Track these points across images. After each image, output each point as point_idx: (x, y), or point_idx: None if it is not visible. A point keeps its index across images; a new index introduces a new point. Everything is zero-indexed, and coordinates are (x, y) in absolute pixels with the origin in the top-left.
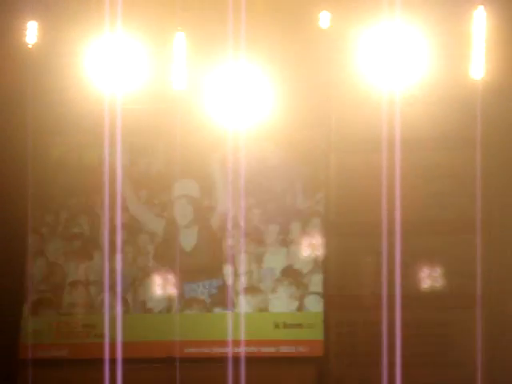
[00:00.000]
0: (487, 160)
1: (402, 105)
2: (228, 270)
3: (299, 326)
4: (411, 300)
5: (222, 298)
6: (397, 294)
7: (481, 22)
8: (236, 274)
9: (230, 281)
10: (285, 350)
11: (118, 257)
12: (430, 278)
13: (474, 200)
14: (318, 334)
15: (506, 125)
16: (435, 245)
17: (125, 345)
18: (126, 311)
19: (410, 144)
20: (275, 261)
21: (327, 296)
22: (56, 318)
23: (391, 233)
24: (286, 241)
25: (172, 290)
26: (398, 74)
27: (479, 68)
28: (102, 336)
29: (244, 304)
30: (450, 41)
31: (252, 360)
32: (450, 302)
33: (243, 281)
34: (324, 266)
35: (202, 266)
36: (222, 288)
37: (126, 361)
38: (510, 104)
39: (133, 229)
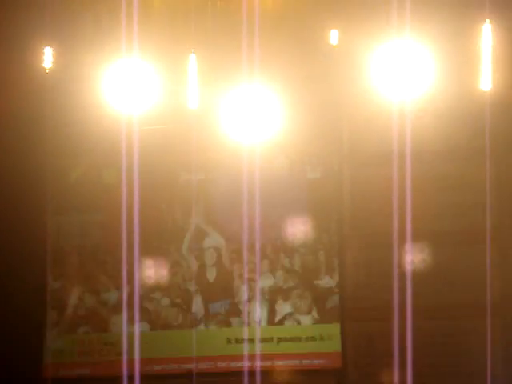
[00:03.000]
0: (497, 170)
1: (412, 118)
2: (240, 290)
3: (316, 338)
4: (425, 313)
5: (234, 311)
6: (408, 305)
7: (488, 35)
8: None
9: (240, 298)
10: (305, 362)
11: (136, 278)
12: (442, 289)
13: (484, 210)
14: (336, 346)
15: None
16: (447, 255)
17: (145, 361)
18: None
19: (420, 156)
20: (289, 276)
21: (344, 309)
22: (77, 337)
23: (404, 244)
24: (298, 254)
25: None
26: (408, 88)
27: (487, 80)
28: (121, 354)
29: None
30: (457, 54)
31: (273, 373)
32: (463, 311)
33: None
34: (341, 279)
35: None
36: (233, 305)
37: (146, 377)
38: None
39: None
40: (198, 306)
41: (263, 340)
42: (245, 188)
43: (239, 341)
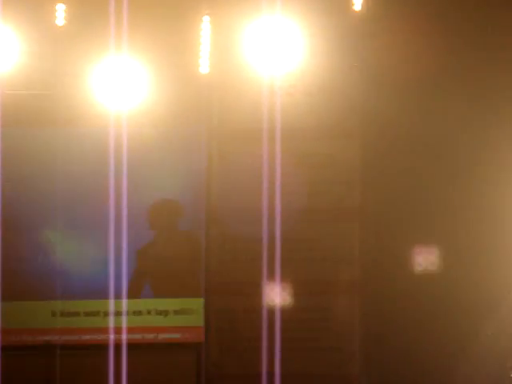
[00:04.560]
0: (364, 150)
1: (282, 94)
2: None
3: (180, 312)
4: (291, 286)
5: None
6: (277, 281)
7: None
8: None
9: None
10: (166, 336)
11: None
12: (309, 264)
13: (351, 188)
14: (198, 321)
15: (383, 116)
16: (315, 232)
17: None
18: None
19: (290, 133)
20: (156, 248)
21: (208, 283)
22: None
23: (272, 220)
24: (166, 228)
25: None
26: (279, 64)
27: (357, 60)
28: None
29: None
30: (328, 32)
31: (133, 347)
32: (328, 287)
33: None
34: (205, 253)
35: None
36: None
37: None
38: (388, 95)
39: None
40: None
41: (127, 313)
42: (112, 163)
43: (104, 314)
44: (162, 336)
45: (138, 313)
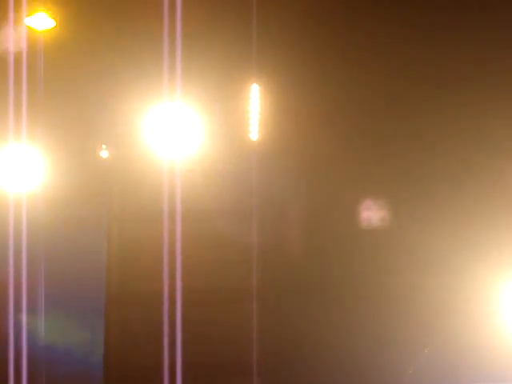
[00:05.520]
0: (262, 230)
1: (182, 178)
2: None
3: None
4: (191, 367)
5: None
6: (178, 362)
7: (256, 99)
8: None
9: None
10: None
11: None
12: (210, 346)
13: (250, 268)
14: None
15: (278, 197)
16: (215, 312)
17: None
18: None
19: (190, 214)
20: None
21: (107, 367)
22: None
23: (173, 302)
24: (66, 311)
25: None
26: (178, 148)
27: (254, 145)
28: None
29: None
30: (226, 117)
31: None
32: (228, 369)
33: None
34: (104, 337)
35: None
36: None
37: None
38: (283, 178)
39: None
40: None
41: None
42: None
43: None
44: None
45: None
